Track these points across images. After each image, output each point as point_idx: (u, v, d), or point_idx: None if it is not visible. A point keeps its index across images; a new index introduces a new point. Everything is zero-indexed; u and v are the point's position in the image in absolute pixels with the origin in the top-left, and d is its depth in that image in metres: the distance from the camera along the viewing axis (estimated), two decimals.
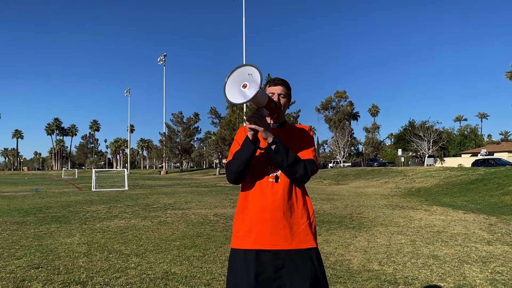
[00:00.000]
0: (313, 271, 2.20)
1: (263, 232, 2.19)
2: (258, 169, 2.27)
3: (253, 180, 2.28)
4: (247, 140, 2.17)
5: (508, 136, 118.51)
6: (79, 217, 10.67)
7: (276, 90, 2.39)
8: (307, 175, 2.21)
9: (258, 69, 2.03)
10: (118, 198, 17.41)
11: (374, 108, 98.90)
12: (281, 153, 2.13)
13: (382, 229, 8.80)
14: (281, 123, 2.44)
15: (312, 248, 2.25)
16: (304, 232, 2.24)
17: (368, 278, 4.98)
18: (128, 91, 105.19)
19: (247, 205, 2.28)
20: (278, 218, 2.20)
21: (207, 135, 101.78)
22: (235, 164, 2.20)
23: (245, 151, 2.17)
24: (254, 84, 2.03)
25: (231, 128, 62.80)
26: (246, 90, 2.05)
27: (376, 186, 25.11)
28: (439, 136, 55.35)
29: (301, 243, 2.22)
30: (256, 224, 2.21)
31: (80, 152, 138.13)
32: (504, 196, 16.22)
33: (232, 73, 2.11)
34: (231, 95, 2.08)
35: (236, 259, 2.24)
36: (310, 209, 2.33)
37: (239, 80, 2.08)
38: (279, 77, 2.44)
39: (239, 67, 2.11)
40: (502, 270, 5.38)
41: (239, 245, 2.25)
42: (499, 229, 8.84)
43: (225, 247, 6.78)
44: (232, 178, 2.25)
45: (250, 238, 2.21)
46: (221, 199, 16.41)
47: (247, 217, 2.26)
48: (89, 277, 4.94)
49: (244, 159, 2.17)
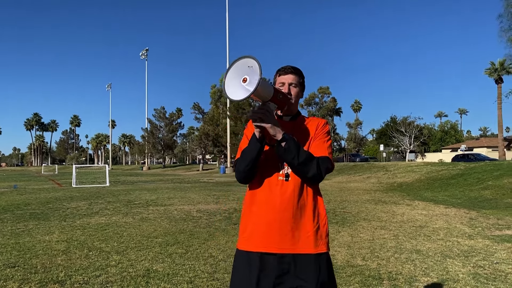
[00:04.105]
0: (320, 279, 2.03)
1: (270, 234, 2.04)
2: (268, 166, 2.10)
3: (262, 177, 2.11)
4: (253, 137, 2.02)
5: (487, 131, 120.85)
6: (59, 214, 10.44)
7: (287, 80, 2.19)
8: (320, 174, 2.02)
9: (256, 60, 1.87)
10: (99, 194, 17.13)
11: (357, 104, 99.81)
12: (292, 150, 1.96)
13: (365, 224, 8.83)
14: (293, 115, 2.25)
15: (322, 254, 2.07)
16: (314, 235, 2.06)
17: (352, 274, 4.95)
18: (109, 86, 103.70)
19: (254, 203, 2.12)
20: (286, 220, 2.03)
21: (190, 130, 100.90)
22: (242, 163, 2.06)
23: (251, 150, 2.02)
24: (255, 76, 1.87)
25: (215, 123, 62.53)
26: (247, 85, 1.90)
27: (359, 181, 25.29)
28: (420, 131, 56.01)
29: (309, 248, 2.04)
30: (263, 225, 2.06)
31: (61, 148, 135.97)
32: (484, 190, 16.49)
33: (231, 67, 1.96)
34: (232, 92, 1.93)
35: (240, 260, 2.11)
36: (322, 210, 2.15)
37: (238, 75, 1.93)
38: (290, 65, 2.24)
39: (237, 60, 1.95)
40: (484, 264, 5.42)
41: (243, 246, 2.11)
42: (480, 223, 8.95)
43: (208, 244, 6.69)
44: (240, 177, 2.11)
45: (255, 240, 2.07)
46: (204, 195, 16.30)
47: (253, 216, 2.11)
48: (67, 276, 4.80)
49: (250, 158, 2.02)
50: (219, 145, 59.71)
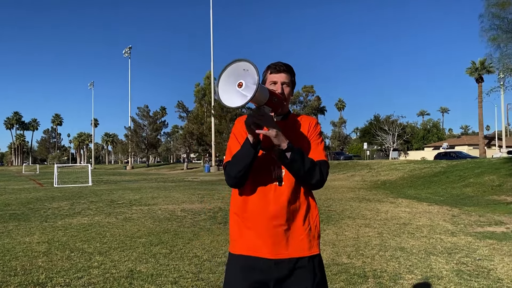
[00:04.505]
0: (316, 281, 2.00)
1: (265, 239, 1.97)
2: (260, 170, 2.00)
3: (254, 182, 2.02)
4: (247, 143, 1.90)
5: (468, 130, 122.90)
6: (40, 215, 10.24)
7: (279, 79, 2.08)
8: (323, 179, 1.97)
9: (252, 63, 1.75)
10: (82, 194, 16.87)
11: (341, 102, 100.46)
12: (297, 161, 1.89)
13: (350, 222, 8.86)
14: (284, 115, 2.15)
15: (316, 255, 2.04)
16: (307, 237, 2.02)
17: (338, 272, 4.95)
18: (92, 84, 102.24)
19: (246, 209, 2.03)
20: (280, 225, 1.97)
21: (175, 129, 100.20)
22: (234, 169, 1.95)
23: (245, 156, 1.91)
24: (251, 80, 1.76)
25: (199, 122, 62.20)
26: (243, 90, 1.78)
27: (343, 179, 25.44)
28: (403, 130, 56.71)
29: (304, 251, 2.00)
30: (257, 231, 1.99)
31: (42, 147, 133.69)
32: (466, 188, 16.75)
33: (224, 72, 1.83)
34: (227, 98, 1.80)
35: (232, 265, 2.04)
36: (314, 211, 2.10)
37: (233, 79, 1.81)
38: (281, 62, 2.13)
39: (231, 63, 1.82)
40: (467, 261, 5.48)
41: (236, 250, 2.04)
42: (462, 220, 9.07)
43: (193, 243, 6.63)
44: (232, 183, 2.01)
45: (248, 245, 2.00)
46: (188, 194, 16.19)
47: (247, 222, 2.03)
48: (48, 278, 4.69)
49: (244, 165, 1.92)
50: (204, 143, 59.44)
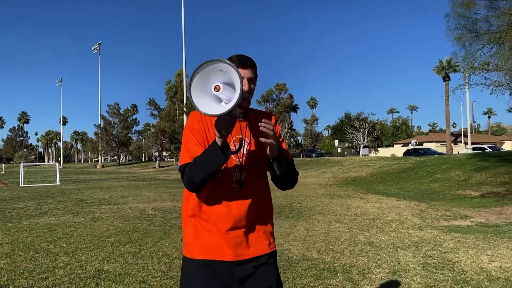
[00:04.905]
0: (276, 274, 1.98)
1: (225, 242, 1.86)
2: (220, 173, 1.82)
3: (213, 184, 1.86)
4: (215, 147, 1.71)
5: (436, 127, 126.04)
6: (4, 215, 9.90)
7: (246, 74, 1.89)
8: (296, 180, 2.01)
9: (231, 65, 1.57)
10: (49, 193, 16.42)
11: (313, 100, 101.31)
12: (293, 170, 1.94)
13: (320, 217, 8.94)
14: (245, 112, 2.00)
15: (274, 251, 2.00)
16: (266, 236, 1.98)
17: (308, 267, 4.98)
18: (60, 81, 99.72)
19: (205, 212, 1.89)
20: (242, 227, 1.89)
21: (146, 127, 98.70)
22: (198, 175, 1.74)
23: (212, 162, 1.72)
24: (231, 84, 1.60)
25: (171, 120, 61.55)
26: (221, 94, 1.62)
27: (315, 176, 25.67)
28: (373, 127, 57.69)
29: (265, 248, 1.95)
30: (217, 234, 1.87)
31: (8, 146, 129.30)
32: (433, 183, 17.18)
33: (197, 74, 1.62)
34: (203, 104, 1.61)
35: (190, 270, 1.90)
36: (271, 210, 2.06)
37: (208, 82, 1.63)
38: (246, 56, 1.93)
39: (205, 64, 1.61)
40: (433, 254, 5.61)
41: (193, 254, 1.90)
42: (429, 215, 9.29)
43: (163, 242, 6.54)
44: (194, 188, 1.82)
45: (207, 249, 1.88)
46: (160, 193, 15.99)
47: (206, 225, 1.89)
48: (10, 280, 4.53)
49: (212, 171, 1.73)
50: (176, 141, 58.85)
